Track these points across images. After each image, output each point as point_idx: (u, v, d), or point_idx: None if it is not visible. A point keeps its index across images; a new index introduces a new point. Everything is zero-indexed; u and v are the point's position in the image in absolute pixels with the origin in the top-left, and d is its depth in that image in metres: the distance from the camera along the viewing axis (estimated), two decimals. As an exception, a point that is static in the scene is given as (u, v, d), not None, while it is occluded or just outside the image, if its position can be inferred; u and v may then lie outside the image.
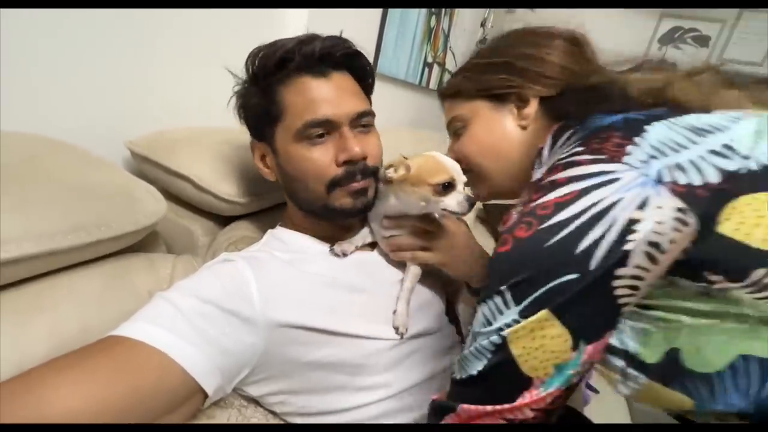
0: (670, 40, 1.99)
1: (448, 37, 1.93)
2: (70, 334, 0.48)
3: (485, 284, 0.42)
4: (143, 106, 0.83)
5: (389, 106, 1.25)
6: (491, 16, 2.07)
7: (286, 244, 0.65)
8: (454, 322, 0.70)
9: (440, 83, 1.91)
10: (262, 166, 0.67)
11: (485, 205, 1.56)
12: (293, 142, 0.59)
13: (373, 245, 0.69)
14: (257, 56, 0.61)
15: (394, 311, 0.60)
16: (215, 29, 0.91)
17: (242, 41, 0.63)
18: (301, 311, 0.54)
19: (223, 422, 0.54)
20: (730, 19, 1.87)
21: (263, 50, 0.61)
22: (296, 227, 0.68)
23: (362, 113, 0.62)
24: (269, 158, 0.66)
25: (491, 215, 1.57)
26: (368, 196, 0.63)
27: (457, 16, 1.95)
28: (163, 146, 0.76)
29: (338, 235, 0.67)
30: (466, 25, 2.00)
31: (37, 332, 0.46)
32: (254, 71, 0.62)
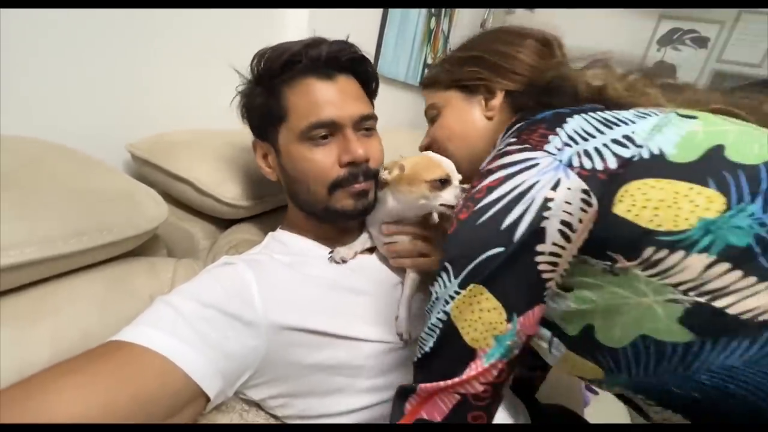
0: (668, 41, 1.99)
1: (447, 38, 1.94)
2: (71, 339, 0.48)
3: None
4: (143, 108, 0.83)
5: (389, 106, 1.25)
6: (491, 16, 2.07)
7: (286, 246, 0.65)
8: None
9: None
10: (263, 165, 0.67)
11: None
12: (297, 142, 0.60)
13: (372, 249, 0.69)
14: (263, 57, 0.61)
15: (396, 317, 0.60)
16: (215, 30, 0.91)
17: (243, 42, 0.64)
18: (302, 314, 0.54)
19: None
20: (728, 20, 1.88)
21: (269, 52, 0.61)
22: (297, 230, 0.68)
23: (365, 116, 0.62)
24: (271, 157, 0.66)
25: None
26: (369, 198, 0.63)
27: (456, 17, 1.96)
28: (163, 149, 0.76)
29: (338, 237, 0.67)
30: (465, 25, 2.00)
31: (38, 337, 0.46)
32: (259, 72, 0.62)
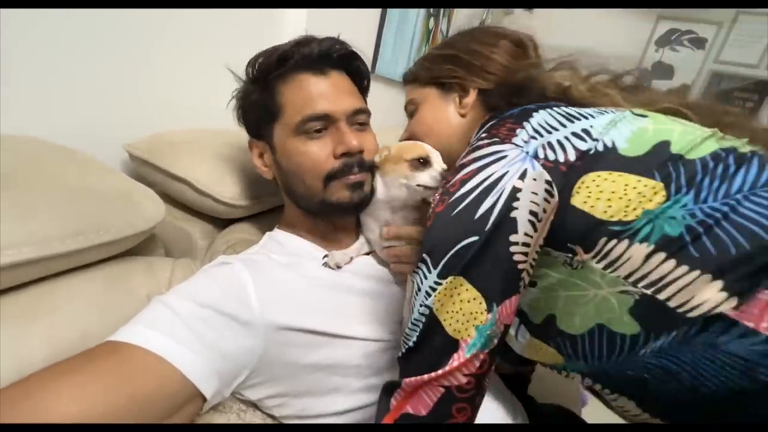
0: (666, 42, 2.00)
1: (446, 38, 1.93)
2: (69, 337, 0.48)
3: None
4: (142, 108, 0.83)
5: (388, 106, 1.25)
6: (489, 17, 2.07)
7: (283, 246, 0.65)
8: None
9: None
10: (259, 164, 0.68)
11: None
12: (292, 136, 0.60)
13: (368, 253, 0.69)
14: (257, 61, 0.63)
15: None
16: (214, 31, 0.91)
17: (241, 42, 0.64)
18: (299, 313, 0.54)
19: (222, 426, 0.54)
20: (726, 21, 1.89)
21: (262, 56, 0.62)
22: (294, 229, 0.68)
23: (359, 110, 0.63)
24: (267, 156, 0.66)
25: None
26: (365, 190, 0.63)
27: (455, 17, 1.96)
28: (161, 149, 0.76)
29: (335, 235, 0.67)
30: (464, 25, 2.00)
31: (36, 337, 0.46)
32: (254, 74, 0.63)
